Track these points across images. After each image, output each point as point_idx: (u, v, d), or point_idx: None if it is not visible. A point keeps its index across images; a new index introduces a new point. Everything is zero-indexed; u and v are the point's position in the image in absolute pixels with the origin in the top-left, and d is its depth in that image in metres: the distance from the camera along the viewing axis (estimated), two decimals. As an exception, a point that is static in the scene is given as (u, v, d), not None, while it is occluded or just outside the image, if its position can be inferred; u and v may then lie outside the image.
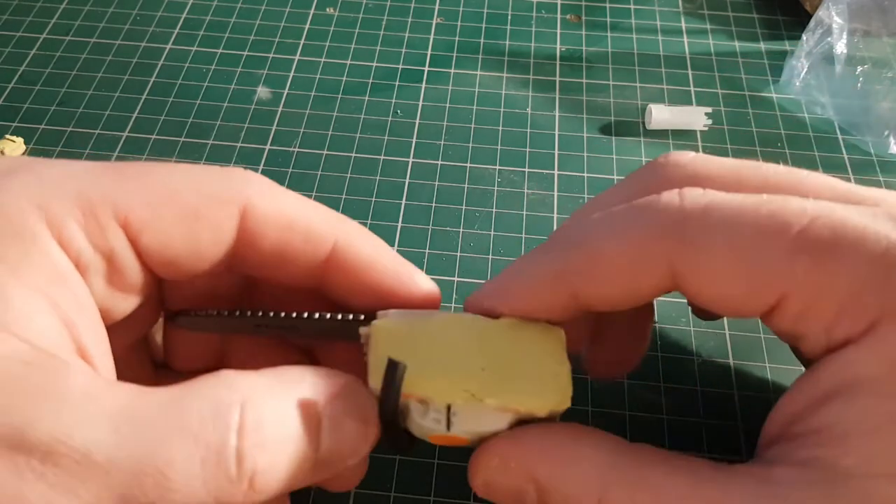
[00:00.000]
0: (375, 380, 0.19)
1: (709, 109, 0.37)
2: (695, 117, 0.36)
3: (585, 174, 0.35)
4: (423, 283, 0.21)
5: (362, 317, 0.20)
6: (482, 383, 0.19)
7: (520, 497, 0.19)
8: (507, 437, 0.19)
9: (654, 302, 0.26)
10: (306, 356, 0.24)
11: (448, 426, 0.18)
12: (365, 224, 0.32)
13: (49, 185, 0.17)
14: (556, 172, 0.35)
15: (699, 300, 0.18)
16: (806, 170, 0.19)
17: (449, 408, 0.19)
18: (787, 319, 0.17)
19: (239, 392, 0.16)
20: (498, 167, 0.35)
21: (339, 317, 0.21)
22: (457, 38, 0.41)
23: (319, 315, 0.21)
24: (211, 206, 0.19)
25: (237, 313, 0.21)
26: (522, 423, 0.19)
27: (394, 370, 0.18)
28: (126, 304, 0.20)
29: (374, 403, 0.18)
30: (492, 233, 0.33)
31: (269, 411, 0.16)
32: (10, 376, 0.15)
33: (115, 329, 0.19)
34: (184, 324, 0.22)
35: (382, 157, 0.35)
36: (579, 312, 0.20)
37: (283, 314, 0.21)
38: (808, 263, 0.16)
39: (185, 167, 0.20)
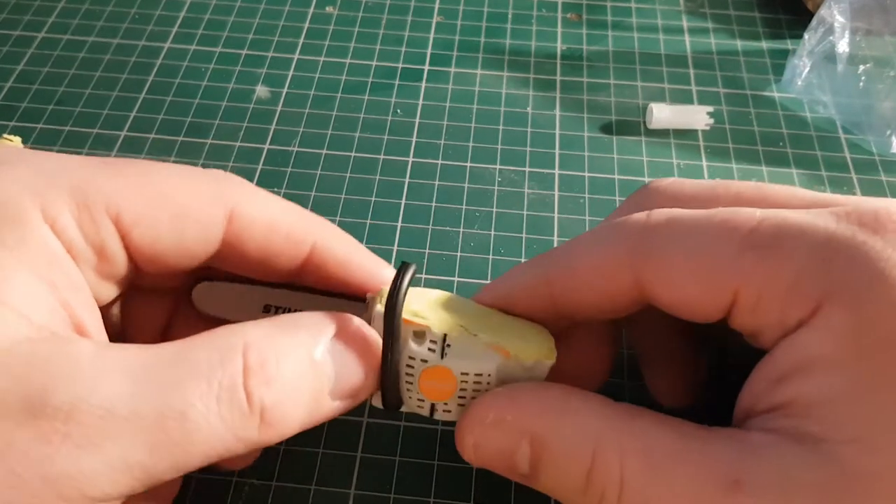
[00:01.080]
0: (380, 307, 0.20)
1: (710, 108, 0.36)
2: (696, 116, 0.36)
3: (586, 174, 0.35)
4: (390, 277, 0.22)
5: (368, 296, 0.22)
6: (477, 325, 0.20)
7: (510, 457, 0.19)
8: (501, 393, 0.20)
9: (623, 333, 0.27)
10: None
11: (442, 355, 0.20)
12: (364, 224, 0.32)
13: (45, 176, 0.18)
14: (556, 172, 0.35)
15: (665, 307, 0.19)
16: (776, 184, 0.21)
17: (444, 338, 0.20)
18: (745, 315, 0.18)
19: (240, 337, 0.17)
20: (498, 167, 0.35)
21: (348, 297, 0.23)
22: (457, 37, 0.41)
23: (330, 292, 0.23)
24: (201, 206, 0.20)
25: (251, 283, 0.23)
26: (507, 380, 0.20)
27: (406, 268, 0.20)
28: (110, 292, 0.21)
29: (377, 341, 0.20)
30: (492, 233, 0.32)
31: (272, 351, 0.17)
32: (20, 350, 0.15)
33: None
34: (197, 295, 0.23)
35: (382, 157, 0.35)
36: (562, 319, 0.21)
37: (294, 288, 0.23)
38: (754, 258, 0.17)
39: (175, 167, 0.21)
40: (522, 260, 0.31)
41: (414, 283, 0.20)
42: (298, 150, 0.35)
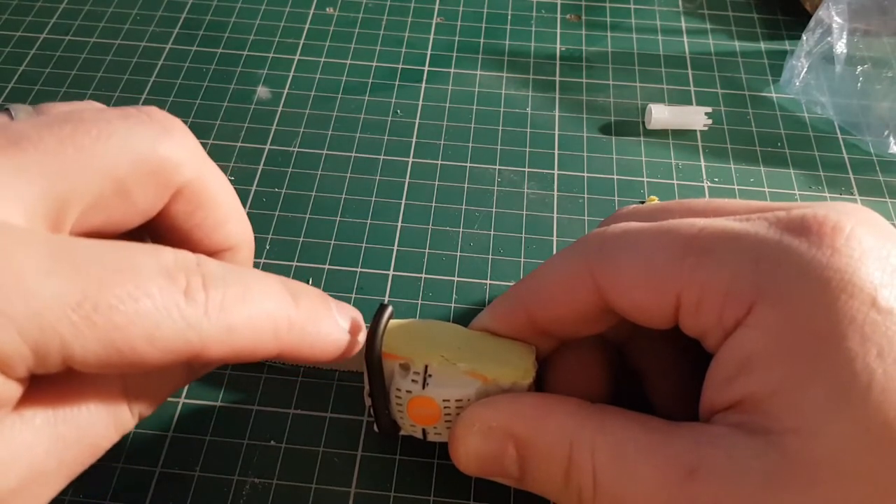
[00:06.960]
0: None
1: (709, 109, 0.37)
2: (695, 117, 0.36)
3: (585, 174, 0.35)
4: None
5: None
6: (457, 354, 0.22)
7: (500, 461, 0.20)
8: (484, 404, 0.21)
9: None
10: None
11: (424, 385, 0.21)
12: (365, 223, 0.33)
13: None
14: (555, 172, 0.35)
15: (624, 313, 0.20)
16: (726, 198, 0.22)
17: (426, 369, 0.21)
18: (690, 318, 0.19)
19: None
20: (498, 167, 0.35)
21: None
22: (457, 38, 0.41)
23: None
24: None
25: None
26: (488, 394, 0.21)
27: (382, 311, 0.21)
28: None
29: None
30: (492, 233, 0.33)
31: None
32: None
33: None
34: None
35: (382, 157, 0.35)
36: (546, 339, 0.22)
37: None
38: (693, 262, 0.18)
39: None
40: (521, 260, 0.32)
41: (410, 289, 0.20)
42: (299, 151, 0.35)
